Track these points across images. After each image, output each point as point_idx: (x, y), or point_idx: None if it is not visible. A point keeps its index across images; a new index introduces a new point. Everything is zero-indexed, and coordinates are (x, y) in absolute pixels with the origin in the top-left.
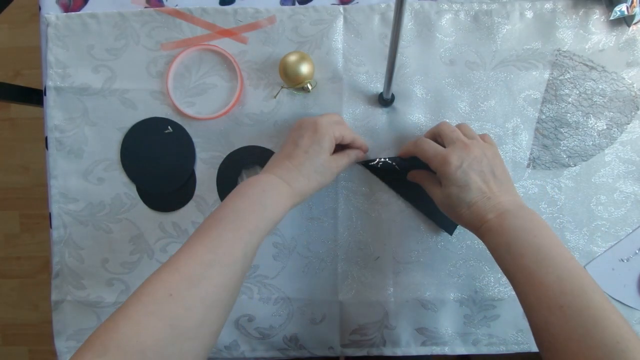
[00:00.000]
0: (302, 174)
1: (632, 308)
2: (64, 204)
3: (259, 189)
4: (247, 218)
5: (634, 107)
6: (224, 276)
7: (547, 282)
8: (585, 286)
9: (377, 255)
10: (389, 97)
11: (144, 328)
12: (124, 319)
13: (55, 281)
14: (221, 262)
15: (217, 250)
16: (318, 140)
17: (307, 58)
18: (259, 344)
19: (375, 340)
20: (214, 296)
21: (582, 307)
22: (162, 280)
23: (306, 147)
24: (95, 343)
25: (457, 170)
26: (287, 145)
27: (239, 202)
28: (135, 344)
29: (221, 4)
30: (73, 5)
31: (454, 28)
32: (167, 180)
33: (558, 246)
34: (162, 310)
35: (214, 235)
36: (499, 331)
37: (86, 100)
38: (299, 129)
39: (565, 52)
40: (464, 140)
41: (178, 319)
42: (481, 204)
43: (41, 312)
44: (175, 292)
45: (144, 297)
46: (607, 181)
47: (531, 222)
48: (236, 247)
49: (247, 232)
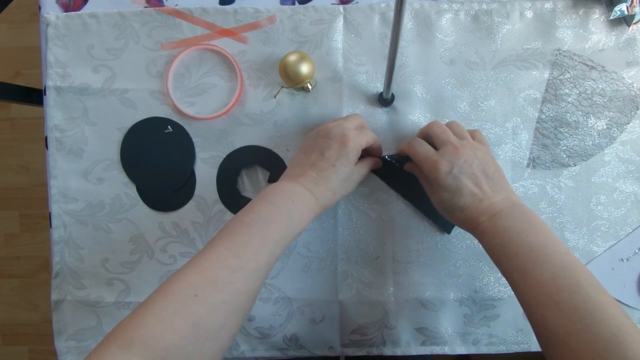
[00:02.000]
0: (329, 188)
1: (632, 308)
2: (64, 203)
3: (287, 199)
4: (274, 227)
5: (633, 107)
6: (246, 282)
7: (543, 280)
8: (582, 281)
9: (377, 255)
10: (389, 97)
11: (169, 326)
12: (150, 316)
13: (55, 281)
14: (246, 268)
15: (242, 256)
16: (346, 154)
17: (307, 58)
18: (259, 343)
19: (375, 340)
20: (235, 301)
21: (578, 303)
22: (188, 281)
23: (333, 160)
24: (121, 336)
25: (447, 176)
26: (312, 153)
27: (267, 209)
28: (159, 341)
29: (221, 4)
30: (73, 5)
31: (454, 28)
32: (167, 180)
33: (553, 243)
34: (187, 310)
35: (240, 240)
36: (498, 331)
37: (86, 100)
38: (326, 137)
39: (565, 52)
40: (454, 142)
41: (201, 320)
42: (474, 207)
43: (41, 312)
44: (200, 294)
45: (170, 295)
46: (607, 181)
47: (524, 221)
48: (261, 255)
49: (272, 242)
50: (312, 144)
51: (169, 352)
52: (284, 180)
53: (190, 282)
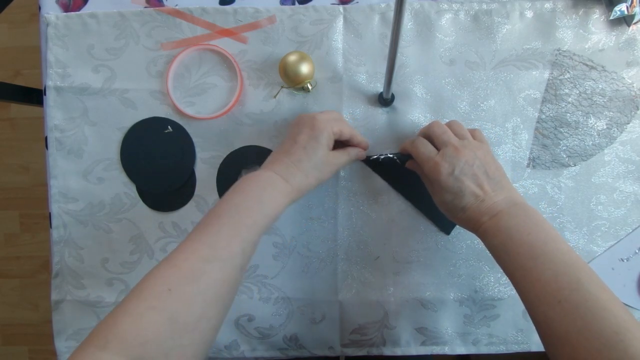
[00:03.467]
0: (300, 170)
1: (632, 308)
2: (64, 203)
3: (257, 186)
4: (245, 214)
5: (633, 107)
6: (222, 271)
7: (544, 278)
8: (582, 279)
9: (377, 255)
10: (389, 97)
11: (144, 322)
12: (124, 314)
13: (55, 281)
14: (220, 257)
15: (215, 245)
16: (316, 136)
17: (307, 58)
18: (259, 343)
19: (375, 340)
20: (213, 291)
21: (579, 301)
22: (161, 276)
23: (304, 143)
24: (97, 337)
25: (449, 178)
26: (286, 141)
27: (237, 198)
28: (135, 337)
29: (221, 4)
30: (73, 5)
31: (454, 28)
32: (167, 180)
33: (554, 240)
34: (162, 304)
35: (212, 231)
36: (499, 331)
37: (86, 100)
38: (297, 125)
39: (565, 52)
40: (455, 143)
41: (177, 313)
42: (475, 207)
43: (41, 312)
44: (174, 287)
45: (144, 292)
46: (607, 181)
47: (525, 220)
48: (234, 242)
49: (245, 228)
50: (287, 133)
51: (146, 348)
52: (258, 171)
53: (164, 277)
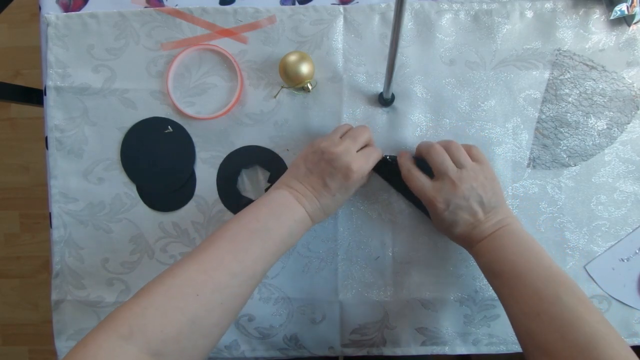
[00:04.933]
0: (324, 211)
1: (632, 308)
2: (64, 203)
3: (291, 217)
4: (275, 241)
5: (634, 107)
6: (242, 287)
7: (526, 293)
8: (561, 293)
9: (377, 255)
10: (389, 97)
11: (169, 321)
12: (152, 308)
13: (55, 281)
14: (244, 274)
15: (243, 262)
16: (347, 187)
17: (307, 58)
18: (259, 343)
19: (375, 340)
20: (231, 303)
21: (556, 313)
22: (191, 279)
23: (335, 190)
24: (122, 324)
25: (444, 212)
26: (315, 176)
27: (271, 222)
28: (159, 334)
29: (221, 4)
30: (73, 5)
31: (454, 28)
32: (167, 180)
33: (537, 258)
34: (188, 307)
35: (243, 247)
36: (499, 331)
37: (86, 100)
38: (330, 164)
39: (566, 52)
40: (452, 177)
41: (199, 318)
42: (467, 233)
43: (41, 312)
44: (201, 294)
45: (173, 290)
46: (607, 181)
47: (510, 240)
48: (259, 263)
49: (271, 253)
50: (316, 163)
51: (166, 345)
52: (286, 191)
53: (193, 280)
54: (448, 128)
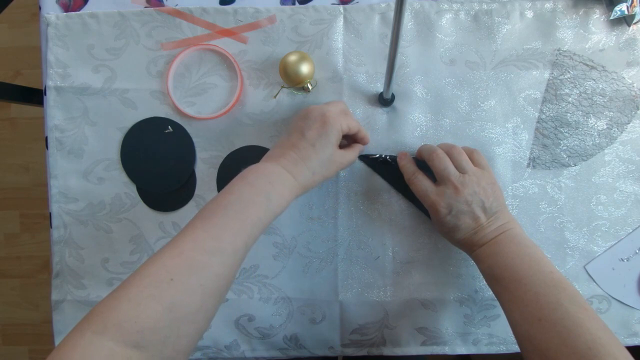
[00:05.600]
0: (308, 168)
1: (632, 308)
2: (64, 203)
3: (265, 180)
4: (251, 209)
5: (634, 107)
6: (224, 265)
7: (527, 299)
8: (562, 299)
9: (377, 255)
10: (389, 97)
11: (143, 310)
12: (126, 300)
13: (55, 281)
14: (223, 251)
15: (220, 238)
16: (326, 134)
17: (307, 58)
18: (259, 343)
19: (375, 340)
20: (212, 284)
21: (557, 319)
22: (164, 264)
23: (313, 139)
24: (96, 320)
25: (446, 217)
26: (293, 134)
27: (245, 190)
28: (134, 325)
29: (221, 4)
30: (73, 5)
31: (454, 28)
32: (167, 180)
33: (537, 263)
34: (163, 294)
35: (218, 223)
36: (499, 331)
37: (86, 100)
38: (305, 118)
39: (566, 52)
40: (455, 182)
41: (177, 304)
42: (469, 238)
43: (41, 311)
44: (176, 277)
45: (145, 279)
46: (607, 181)
47: (510, 246)
48: (239, 237)
49: (250, 224)
50: (294, 126)
51: (143, 335)
52: (264, 161)
53: (166, 265)
54: (448, 128)
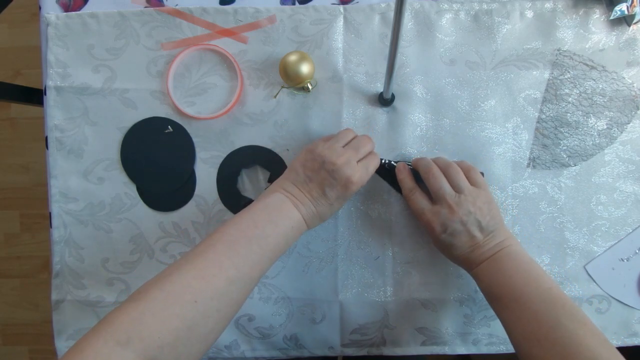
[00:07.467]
0: (321, 219)
1: (632, 308)
2: (64, 203)
3: (288, 223)
4: (272, 248)
5: (634, 107)
6: (240, 293)
7: (526, 317)
8: (561, 316)
9: (377, 255)
10: (389, 97)
11: (167, 327)
12: (150, 314)
13: (55, 281)
14: (242, 281)
15: (241, 269)
16: (345, 197)
17: (307, 58)
18: (259, 343)
19: (375, 340)
20: (228, 309)
21: (557, 338)
22: (189, 285)
23: (333, 200)
24: (119, 330)
25: (441, 235)
26: (314, 184)
27: (269, 228)
28: (157, 340)
29: (221, 4)
30: (73, 5)
31: (454, 28)
32: (167, 180)
33: (536, 280)
34: (186, 314)
35: (241, 252)
36: (499, 331)
37: (86, 99)
38: (330, 175)
39: (566, 52)
40: (450, 202)
41: (196, 324)
42: (465, 256)
43: (41, 311)
44: (200, 300)
45: (171, 297)
46: (607, 181)
47: (508, 264)
48: (256, 269)
49: (267, 259)
50: (316, 172)
51: (162, 351)
52: (284, 195)
53: (191, 287)
54: (448, 128)
